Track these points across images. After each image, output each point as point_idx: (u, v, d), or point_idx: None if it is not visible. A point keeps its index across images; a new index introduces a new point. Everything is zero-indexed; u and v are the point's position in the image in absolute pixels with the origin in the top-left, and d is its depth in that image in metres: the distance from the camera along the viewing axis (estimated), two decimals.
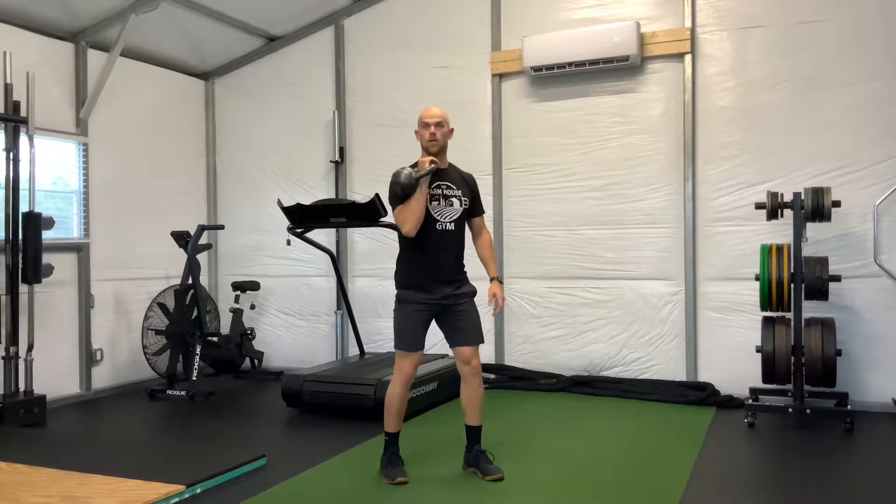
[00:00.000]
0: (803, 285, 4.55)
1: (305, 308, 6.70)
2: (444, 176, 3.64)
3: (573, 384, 5.58)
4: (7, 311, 4.98)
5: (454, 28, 6.11)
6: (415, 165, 3.55)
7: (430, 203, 3.56)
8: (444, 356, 5.55)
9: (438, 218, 3.57)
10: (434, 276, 3.58)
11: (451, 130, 3.68)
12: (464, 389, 3.68)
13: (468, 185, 3.72)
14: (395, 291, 3.69)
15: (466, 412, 3.69)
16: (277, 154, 6.80)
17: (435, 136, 3.58)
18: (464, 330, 3.62)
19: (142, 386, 6.02)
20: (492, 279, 3.72)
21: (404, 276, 3.66)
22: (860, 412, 4.65)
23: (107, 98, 5.85)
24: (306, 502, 3.36)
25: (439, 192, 3.60)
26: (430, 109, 3.64)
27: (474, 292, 3.68)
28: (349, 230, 6.49)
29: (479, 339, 3.64)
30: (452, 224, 3.60)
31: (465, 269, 3.71)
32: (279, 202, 5.41)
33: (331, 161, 6.53)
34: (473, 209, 3.73)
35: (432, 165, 3.52)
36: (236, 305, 6.47)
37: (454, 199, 3.61)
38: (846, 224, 4.94)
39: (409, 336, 3.59)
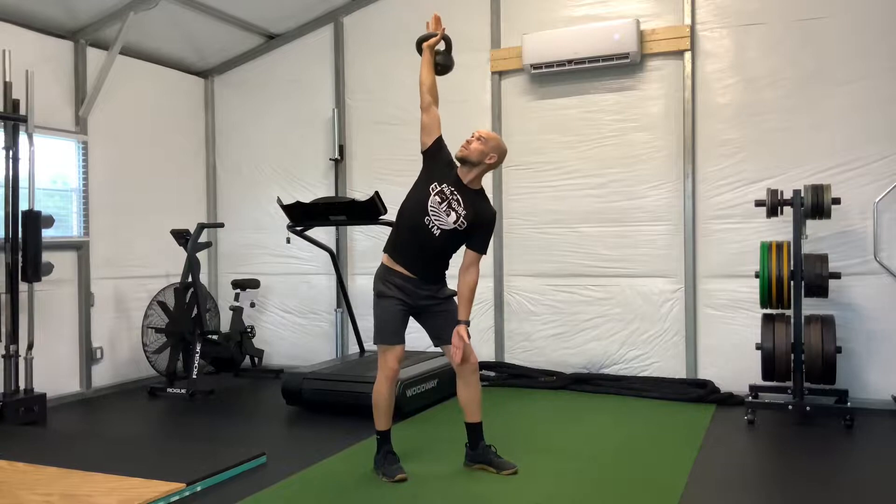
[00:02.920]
0: (803, 282, 4.55)
1: (305, 306, 6.70)
2: (463, 192, 3.54)
3: (573, 382, 5.59)
4: (7, 310, 4.97)
5: (454, 25, 6.00)
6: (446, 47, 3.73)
7: (433, 197, 3.53)
8: (442, 354, 5.54)
9: (430, 214, 3.53)
10: (413, 261, 3.58)
11: (493, 159, 3.54)
12: (461, 387, 3.68)
13: (478, 217, 3.55)
14: (374, 285, 3.69)
15: (467, 410, 3.68)
16: (277, 152, 6.80)
17: (468, 145, 3.53)
18: (452, 327, 3.61)
19: (142, 384, 6.03)
20: (460, 322, 3.53)
21: (391, 247, 3.66)
22: (860, 409, 4.66)
23: (106, 96, 5.85)
24: (306, 500, 3.36)
25: (448, 197, 3.53)
26: (487, 131, 3.67)
27: (454, 293, 3.70)
28: (349, 228, 6.49)
29: (468, 335, 3.62)
30: (439, 231, 3.53)
31: (446, 278, 3.71)
32: (279, 200, 5.41)
33: (330, 159, 6.52)
34: (472, 240, 3.57)
35: (439, 34, 3.66)
36: (236, 303, 6.46)
37: (454, 213, 3.51)
38: (846, 221, 4.93)
39: (389, 329, 3.59)
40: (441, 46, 3.70)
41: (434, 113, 3.61)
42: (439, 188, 3.54)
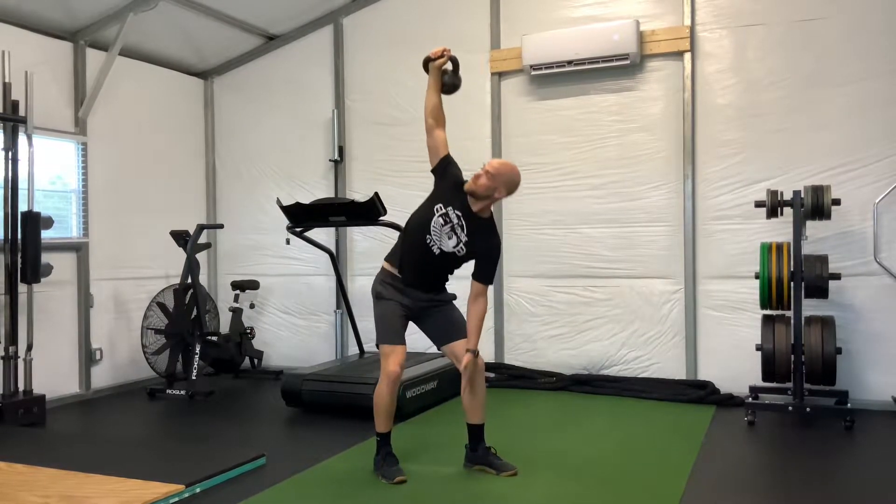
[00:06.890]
0: (803, 283, 4.55)
1: (305, 307, 6.69)
2: (470, 220, 3.49)
3: (573, 383, 5.58)
4: (6, 311, 4.97)
5: (453, 26, 6.10)
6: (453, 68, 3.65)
7: (436, 218, 3.51)
8: (442, 354, 5.53)
9: (432, 234, 3.51)
10: (413, 274, 3.59)
11: (500, 193, 3.44)
12: (466, 388, 3.66)
13: (480, 247, 3.52)
14: (374, 287, 3.70)
15: (469, 411, 3.67)
16: (277, 153, 6.79)
17: (477, 179, 3.41)
18: (453, 326, 3.63)
19: (141, 385, 6.02)
20: (468, 351, 3.49)
21: (394, 254, 3.67)
22: (860, 410, 4.65)
23: (105, 97, 5.84)
24: (306, 502, 3.36)
25: (452, 221, 3.50)
26: (499, 164, 3.47)
27: (454, 297, 3.72)
28: (349, 229, 6.48)
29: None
30: (439, 251, 3.53)
31: (445, 287, 3.73)
32: (278, 201, 5.41)
33: (330, 160, 6.52)
34: (476, 269, 3.55)
35: (444, 56, 3.57)
36: (236, 304, 6.46)
37: (454, 238, 3.50)
38: (846, 222, 4.93)
39: (390, 328, 3.58)
40: (448, 66, 3.64)
41: (436, 135, 3.57)
42: (444, 210, 3.50)
